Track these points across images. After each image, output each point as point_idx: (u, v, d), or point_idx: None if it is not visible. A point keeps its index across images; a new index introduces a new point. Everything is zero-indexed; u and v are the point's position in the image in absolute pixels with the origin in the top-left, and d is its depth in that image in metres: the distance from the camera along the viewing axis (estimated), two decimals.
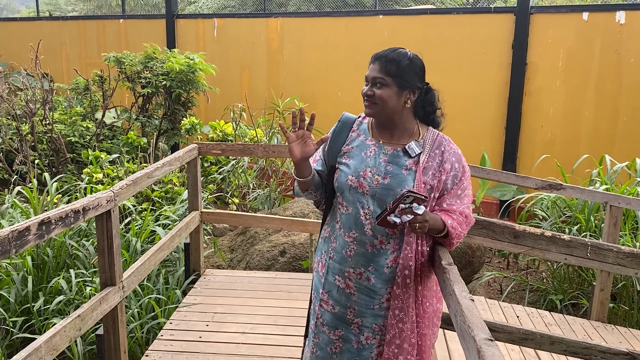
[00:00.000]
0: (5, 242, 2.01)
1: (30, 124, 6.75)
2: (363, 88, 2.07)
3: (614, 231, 4.29)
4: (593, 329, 4.09)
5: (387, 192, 1.99)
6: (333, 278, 2.10)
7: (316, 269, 2.22)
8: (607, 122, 6.75)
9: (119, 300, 2.92)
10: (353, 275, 2.05)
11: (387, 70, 2.01)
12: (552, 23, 6.89)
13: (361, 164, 2.05)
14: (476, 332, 1.42)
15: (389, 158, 2.05)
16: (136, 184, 3.19)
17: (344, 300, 2.07)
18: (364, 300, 2.05)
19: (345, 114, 2.25)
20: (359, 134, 2.15)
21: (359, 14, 8.56)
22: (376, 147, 2.08)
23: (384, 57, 2.02)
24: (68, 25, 10.56)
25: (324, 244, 2.18)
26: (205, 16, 10.06)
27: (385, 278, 2.02)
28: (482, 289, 5.38)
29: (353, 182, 2.03)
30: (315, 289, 2.20)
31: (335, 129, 2.21)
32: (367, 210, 2.01)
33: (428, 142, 2.09)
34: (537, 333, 2.65)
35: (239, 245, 5.54)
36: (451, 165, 2.06)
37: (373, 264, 2.03)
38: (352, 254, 2.05)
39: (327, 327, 2.12)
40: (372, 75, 2.03)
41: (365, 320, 2.06)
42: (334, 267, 2.10)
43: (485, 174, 4.88)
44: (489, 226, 2.78)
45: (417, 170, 2.01)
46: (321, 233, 2.24)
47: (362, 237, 2.02)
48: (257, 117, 7.30)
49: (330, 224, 2.16)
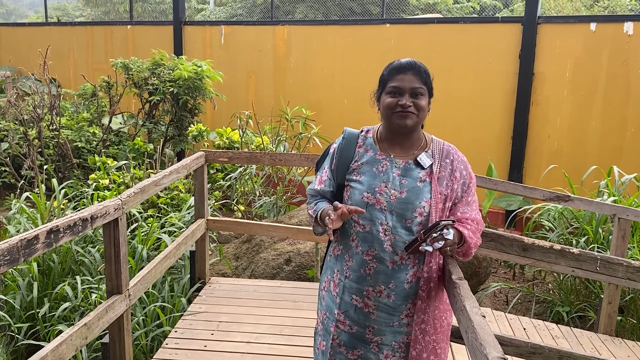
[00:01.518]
0: (14, 251, 2.01)
1: (38, 129, 6.77)
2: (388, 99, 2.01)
3: (622, 244, 4.25)
4: (601, 342, 4.05)
5: (406, 205, 1.97)
6: (350, 298, 2.04)
7: (327, 288, 2.15)
8: (614, 132, 6.72)
9: (125, 309, 2.91)
10: (372, 294, 2.00)
11: (423, 80, 2.01)
12: (559, 33, 6.89)
13: (375, 180, 2.02)
14: (488, 350, 1.40)
15: (402, 171, 2.02)
16: (144, 192, 3.19)
17: (363, 319, 2.03)
18: (383, 318, 2.01)
19: (347, 130, 2.19)
20: (366, 149, 2.11)
21: (366, 22, 8.59)
22: (387, 162, 2.05)
23: (416, 67, 2.01)
24: (76, 31, 10.62)
25: (337, 263, 2.11)
26: (212, 23, 10.10)
27: (405, 294, 2.00)
28: (488, 300, 5.35)
29: (369, 199, 1.99)
30: (327, 309, 2.13)
31: (340, 146, 2.15)
32: (387, 226, 1.97)
33: (436, 151, 2.08)
34: (545, 347, 2.63)
35: (244, 253, 5.53)
36: (460, 173, 2.07)
37: (394, 280, 1.99)
38: (371, 272, 2.00)
39: (345, 348, 2.07)
40: (410, 85, 1.98)
41: (384, 338, 2.02)
42: (351, 286, 2.04)
43: (492, 185, 4.86)
44: (498, 239, 2.76)
45: (432, 180, 2.01)
46: (329, 250, 2.19)
47: (382, 254, 1.98)
48: (264, 124, 7.31)
49: (342, 241, 2.10)
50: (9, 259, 1.99)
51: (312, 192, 2.21)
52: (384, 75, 2.08)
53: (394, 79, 2.01)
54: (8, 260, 1.99)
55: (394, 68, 2.03)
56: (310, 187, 2.22)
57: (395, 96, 2.00)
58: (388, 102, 2.01)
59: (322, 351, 2.13)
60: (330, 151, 2.19)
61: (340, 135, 2.20)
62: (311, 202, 2.19)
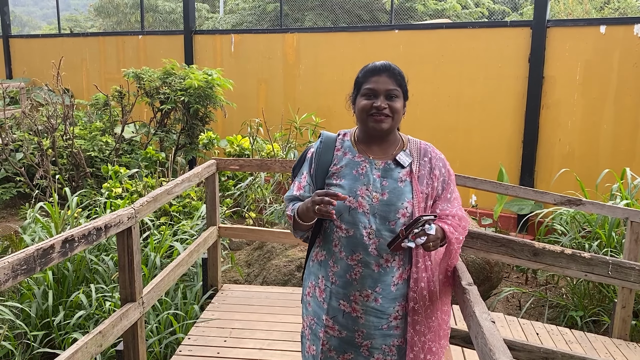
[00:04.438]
0: (30, 260, 2.06)
1: (51, 139, 6.87)
2: (363, 102, 2.00)
3: (635, 247, 4.22)
4: (615, 347, 4.02)
5: (389, 207, 1.96)
6: (337, 303, 2.02)
7: (312, 294, 2.13)
8: (626, 135, 6.68)
9: (139, 316, 2.95)
10: (360, 298, 1.99)
11: (398, 82, 2.00)
12: (569, 36, 6.87)
13: (356, 183, 1.99)
14: (498, 355, 1.41)
15: (382, 172, 2.01)
16: (156, 200, 3.23)
17: (351, 324, 2.01)
18: (372, 322, 1.99)
19: (324, 133, 2.17)
20: (344, 152, 2.08)
21: (374, 28, 8.61)
22: (367, 163, 2.03)
23: (391, 69, 2.01)
24: (88, 42, 10.77)
25: (320, 269, 2.08)
26: (222, 32, 10.19)
27: (392, 297, 1.99)
28: (500, 305, 5.32)
29: (352, 202, 1.96)
30: (315, 314, 2.10)
31: (318, 150, 2.12)
32: (370, 229, 1.95)
33: (414, 150, 2.07)
34: (558, 352, 2.62)
35: (256, 260, 5.56)
36: (439, 170, 2.06)
37: (380, 284, 1.97)
38: (357, 277, 1.98)
39: (336, 352, 2.05)
40: (384, 87, 1.98)
41: (374, 341, 2.01)
42: (338, 291, 2.02)
43: (503, 190, 4.85)
44: (508, 244, 2.76)
45: (413, 180, 2.00)
46: (311, 256, 2.16)
47: (367, 257, 1.96)
48: (274, 131, 7.36)
49: (324, 247, 2.07)
50: (25, 268, 2.04)
51: (290, 198, 2.16)
52: (359, 78, 2.07)
53: (368, 81, 2.01)
54: (25, 269, 2.03)
55: (369, 70, 2.03)
56: (287, 194, 2.17)
57: (371, 98, 1.99)
58: (363, 105, 2.00)
59: (312, 355, 2.12)
60: (307, 156, 2.16)
61: (317, 140, 2.17)
62: (288, 206, 2.14)
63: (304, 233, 2.12)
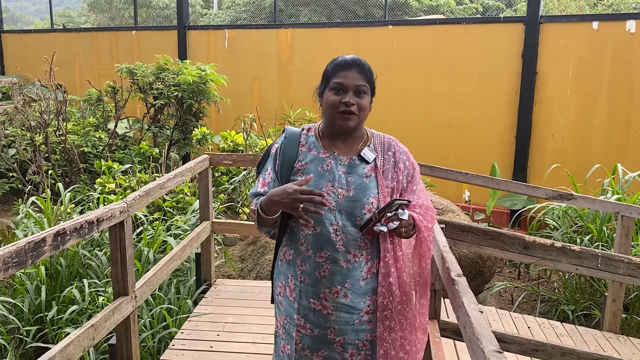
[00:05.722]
0: (22, 253, 2.06)
1: (44, 135, 6.85)
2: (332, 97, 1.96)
3: (625, 241, 4.26)
4: (605, 340, 4.06)
5: (354, 204, 1.94)
6: (307, 302, 2.00)
7: (282, 294, 2.09)
8: (618, 131, 6.72)
9: (131, 310, 2.95)
10: (329, 295, 1.96)
11: (367, 78, 1.97)
12: (562, 32, 6.90)
13: (321, 180, 1.97)
14: (485, 344, 1.43)
15: (347, 168, 1.99)
16: (149, 194, 3.23)
17: (323, 321, 1.99)
18: (343, 318, 1.97)
19: (288, 128, 2.13)
20: (309, 147, 2.05)
21: (368, 24, 8.62)
22: (332, 159, 2.00)
23: (360, 64, 1.97)
24: (81, 37, 10.72)
25: (289, 268, 2.05)
26: (216, 27, 10.17)
27: (362, 291, 1.97)
28: (493, 299, 5.35)
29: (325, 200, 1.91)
30: (287, 314, 2.07)
31: (282, 146, 2.07)
32: (337, 226, 1.93)
33: (378, 145, 2.06)
34: (548, 344, 2.65)
35: (250, 255, 5.57)
36: (403, 164, 2.05)
37: (349, 279, 1.95)
38: (326, 274, 1.96)
39: (309, 350, 2.03)
40: (354, 83, 1.94)
41: (347, 337, 1.98)
42: (307, 290, 1.99)
43: (495, 184, 4.88)
44: (499, 237, 2.79)
45: (377, 175, 1.99)
46: (279, 255, 2.13)
47: (335, 254, 1.94)
48: (268, 127, 7.35)
49: (291, 245, 2.04)
50: (17, 261, 2.04)
51: (254, 195, 2.10)
52: (327, 71, 2.03)
53: (337, 75, 1.97)
54: (16, 262, 2.04)
55: (339, 64, 1.99)
56: (252, 191, 2.11)
57: (339, 93, 1.96)
58: (332, 100, 1.96)
59: (287, 354, 2.09)
60: (272, 152, 2.11)
61: (281, 135, 2.14)
62: (252, 202, 2.08)
63: (270, 229, 2.08)
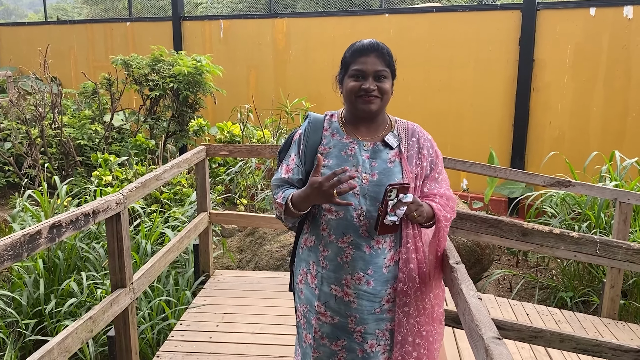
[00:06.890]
0: (17, 246, 2.04)
1: (40, 128, 6.81)
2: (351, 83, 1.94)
3: (623, 227, 4.26)
4: (604, 326, 4.07)
5: (379, 188, 1.91)
6: (329, 288, 1.99)
7: (304, 281, 2.08)
8: (616, 117, 6.71)
9: (129, 302, 2.95)
10: (351, 282, 1.95)
11: (387, 62, 1.96)
12: (559, 19, 6.86)
13: (345, 164, 1.95)
14: (484, 330, 1.42)
15: (371, 154, 1.98)
16: (145, 186, 3.21)
17: (344, 309, 1.97)
18: (365, 306, 1.96)
19: (312, 114, 2.12)
20: (332, 133, 2.04)
21: (365, 13, 8.57)
22: (355, 145, 1.99)
23: (379, 48, 1.95)
24: (76, 29, 10.64)
25: (311, 254, 2.04)
26: (211, 17, 10.10)
27: (384, 279, 1.96)
28: (491, 287, 5.36)
29: None
30: (307, 302, 2.06)
31: (306, 131, 2.06)
32: (360, 210, 1.92)
33: (402, 131, 2.05)
34: (546, 331, 2.64)
35: (248, 245, 5.56)
36: (427, 151, 2.04)
37: (372, 266, 1.94)
38: (348, 260, 1.95)
39: (328, 339, 2.02)
40: (373, 68, 1.93)
41: (368, 327, 1.97)
42: (329, 276, 1.98)
43: (493, 172, 4.87)
44: (497, 224, 2.78)
45: (402, 160, 1.98)
46: (300, 242, 2.11)
47: (358, 239, 1.93)
48: (265, 117, 7.33)
49: (313, 232, 2.03)
50: (12, 254, 2.02)
51: (278, 183, 2.08)
52: (346, 58, 2.01)
53: (356, 61, 1.95)
54: (12, 255, 2.02)
55: (357, 50, 1.96)
56: (275, 178, 2.09)
57: (359, 79, 1.94)
58: (351, 86, 1.95)
59: (309, 344, 2.07)
60: (295, 138, 2.10)
61: (304, 121, 2.12)
62: (277, 193, 2.05)
63: (296, 220, 2.06)
